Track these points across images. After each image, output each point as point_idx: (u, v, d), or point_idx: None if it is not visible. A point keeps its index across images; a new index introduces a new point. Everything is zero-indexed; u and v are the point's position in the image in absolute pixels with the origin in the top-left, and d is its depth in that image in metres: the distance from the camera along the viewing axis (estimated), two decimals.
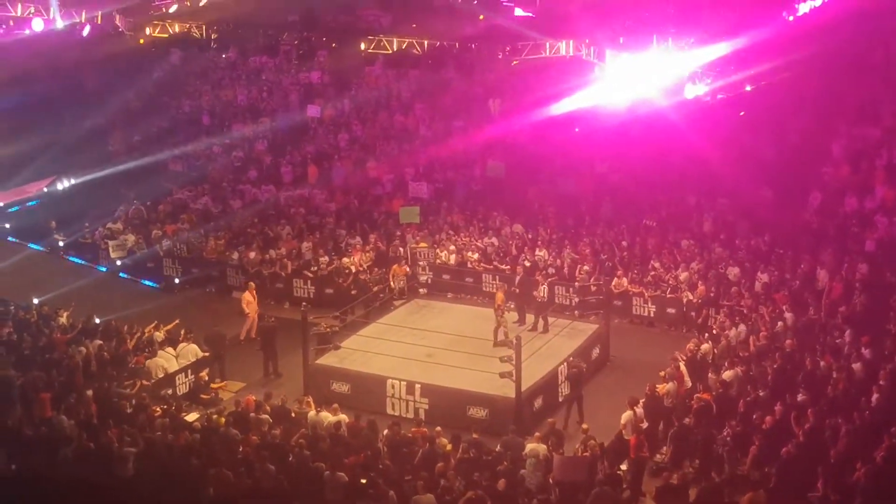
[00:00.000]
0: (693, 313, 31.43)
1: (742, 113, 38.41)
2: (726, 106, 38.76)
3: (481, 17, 51.46)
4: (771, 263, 31.76)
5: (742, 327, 28.47)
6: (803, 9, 44.30)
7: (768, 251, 32.59)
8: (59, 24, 48.39)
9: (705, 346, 27.88)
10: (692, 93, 38.41)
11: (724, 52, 39.22)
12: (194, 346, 29.21)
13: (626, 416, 24.19)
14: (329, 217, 38.59)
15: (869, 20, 40.19)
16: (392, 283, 33.80)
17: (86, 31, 48.54)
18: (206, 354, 29.29)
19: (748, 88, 39.35)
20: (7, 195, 42.67)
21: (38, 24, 47.94)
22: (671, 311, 32.16)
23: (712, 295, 31.30)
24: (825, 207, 33.84)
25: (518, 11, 51.88)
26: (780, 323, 28.16)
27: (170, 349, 28.88)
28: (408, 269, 34.39)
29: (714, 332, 29.09)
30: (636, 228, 35.27)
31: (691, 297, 31.69)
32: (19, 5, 48.98)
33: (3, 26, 48.97)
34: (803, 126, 36.98)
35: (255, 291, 32.93)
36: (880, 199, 33.13)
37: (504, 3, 53.59)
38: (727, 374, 25.83)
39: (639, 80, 39.41)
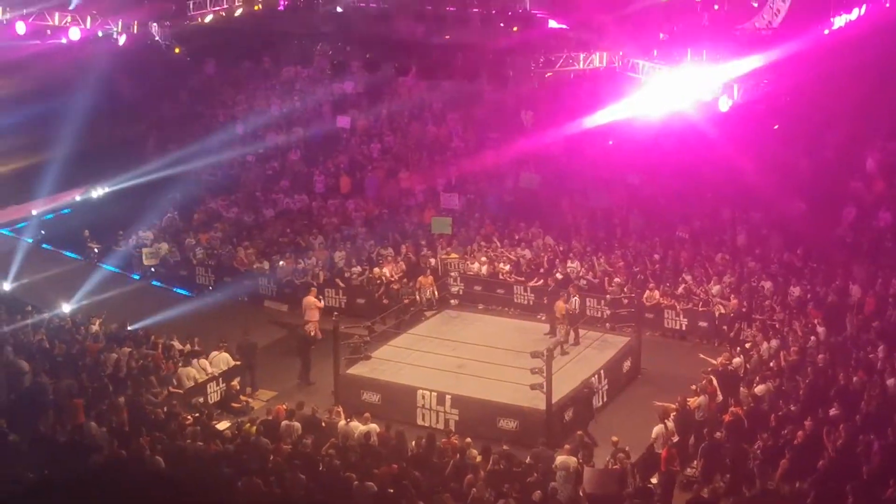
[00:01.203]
0: (725, 327, 31.30)
1: (776, 126, 38.25)
2: (761, 119, 38.58)
3: (515, 28, 51.48)
4: (804, 277, 31.62)
5: (774, 341, 28.33)
6: (839, 22, 44.08)
7: (801, 265, 32.44)
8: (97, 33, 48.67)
9: (737, 360, 27.77)
10: (726, 105, 38.21)
11: (758, 64, 39.05)
12: (226, 355, 29.35)
13: (658, 429, 24.14)
14: (361, 227, 38.67)
15: None
16: (418, 296, 33.78)
17: (121, 40, 48.76)
18: (238, 363, 29.40)
19: (782, 101, 39.16)
20: (41, 203, 42.95)
21: (74, 34, 48.21)
22: (703, 324, 32.05)
23: (745, 309, 31.16)
24: (859, 222, 33.64)
25: (552, 23, 51.87)
26: (812, 337, 28.02)
27: (203, 360, 29.01)
28: (433, 281, 34.27)
29: (746, 345, 28.95)
30: (669, 241, 35.17)
31: (723, 311, 31.57)
32: (56, 14, 49.31)
33: (41, 35, 49.26)
34: (838, 140, 36.80)
35: (317, 294, 33.09)
36: None
37: (538, 15, 53.62)
38: (759, 389, 25.74)
39: (673, 92, 39.26)
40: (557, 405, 26.33)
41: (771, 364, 27.24)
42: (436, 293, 34.05)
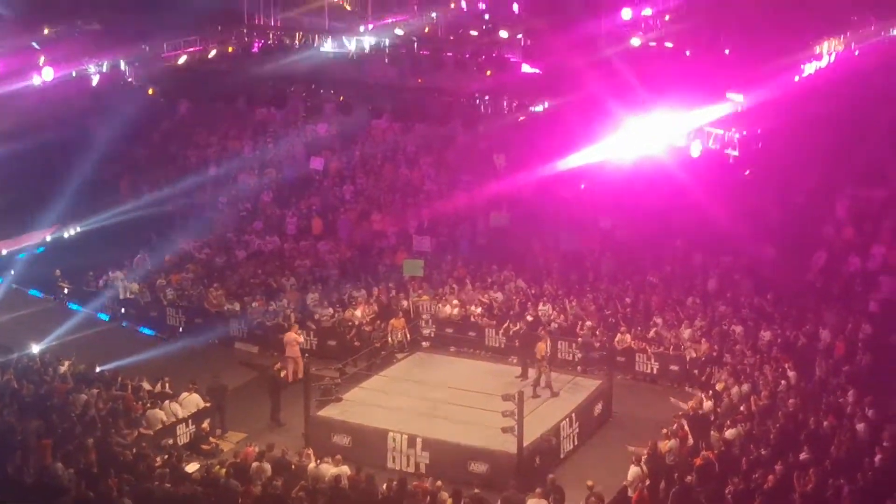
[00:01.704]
0: (696, 371, 31.35)
1: (747, 172, 38.48)
2: (732, 164, 38.82)
3: (488, 72, 51.75)
4: (774, 322, 31.76)
5: (745, 385, 28.39)
6: (809, 69, 44.51)
7: (772, 310, 32.59)
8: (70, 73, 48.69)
9: (708, 404, 27.79)
10: (698, 151, 38.44)
11: (729, 110, 39.35)
12: (196, 397, 29.17)
13: (633, 472, 24.14)
14: (333, 269, 38.61)
15: (874, 81, 40.39)
16: (390, 338, 33.70)
17: (95, 80, 48.76)
18: (208, 405, 29.22)
19: (753, 147, 39.43)
20: (12, 242, 42.72)
21: (47, 74, 48.19)
22: (674, 368, 32.11)
23: (715, 353, 31.24)
24: (829, 267, 33.89)
25: (525, 68, 52.18)
26: (783, 382, 28.10)
27: (173, 403, 28.80)
28: (404, 323, 34.19)
29: (717, 389, 28.99)
30: (640, 285, 35.27)
31: (694, 355, 31.63)
32: (32, 54, 49.27)
33: (14, 75, 49.20)
34: (808, 186, 37.08)
35: (298, 330, 33.01)
36: (883, 259, 33.16)
37: (511, 60, 53.93)
38: (730, 433, 25.75)
39: (645, 137, 39.49)
40: (528, 449, 26.24)
41: (742, 408, 27.28)
42: (407, 335, 33.97)
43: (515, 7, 63.20)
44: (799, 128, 38.26)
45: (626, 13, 59.65)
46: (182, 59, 52.98)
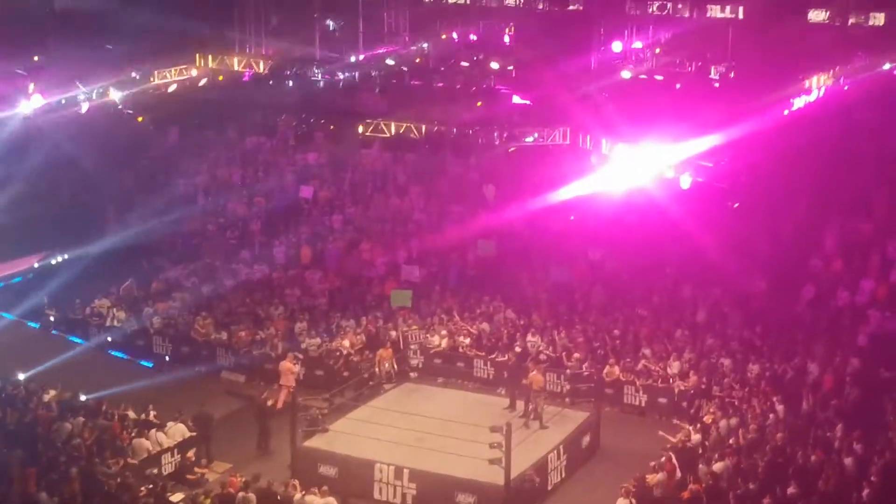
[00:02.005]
0: (685, 403, 31.25)
1: (736, 205, 38.58)
2: (721, 196, 38.93)
3: (479, 103, 51.95)
4: (763, 355, 31.69)
5: (733, 419, 28.29)
6: (798, 103, 44.78)
7: (761, 343, 32.53)
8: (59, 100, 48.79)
9: (696, 437, 27.70)
10: (687, 183, 38.57)
11: (718, 142, 39.51)
12: (182, 426, 28.97)
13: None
14: (321, 298, 38.51)
15: (862, 115, 40.58)
16: (377, 368, 33.56)
17: (84, 107, 48.84)
18: (194, 434, 29.04)
19: (742, 179, 39.58)
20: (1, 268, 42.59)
21: (36, 100, 48.28)
22: (663, 400, 31.97)
23: (704, 386, 31.16)
24: (818, 300, 33.84)
25: (516, 99, 52.41)
26: (771, 415, 28.01)
27: (159, 433, 28.61)
28: (392, 353, 34.06)
29: (705, 422, 28.90)
30: (629, 316, 35.19)
31: (683, 388, 31.55)
32: (22, 81, 49.41)
33: (2, 101, 49.27)
34: (797, 218, 37.12)
35: (294, 360, 33.00)
36: (872, 293, 33.16)
37: (502, 91, 54.16)
38: (717, 466, 25.66)
39: (634, 168, 39.61)
40: (516, 480, 26.09)
41: (730, 441, 27.19)
42: (395, 366, 33.84)
43: (507, 38, 63.73)
44: (787, 160, 38.44)
45: (617, 46, 60.18)
46: (172, 87, 53.17)
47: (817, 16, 58.45)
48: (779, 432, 26.89)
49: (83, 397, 30.40)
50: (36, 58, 55.80)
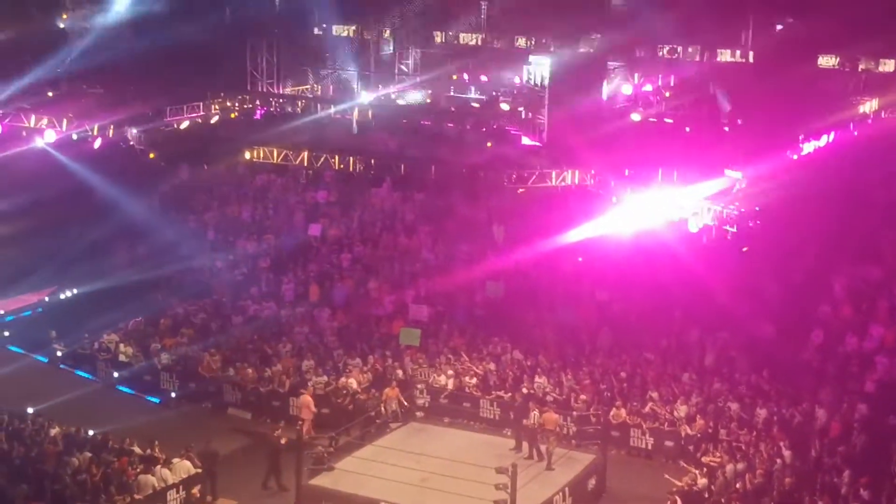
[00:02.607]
0: (691, 447, 31.17)
1: (745, 249, 38.56)
2: (730, 240, 38.92)
3: (489, 144, 52.10)
4: (771, 400, 31.61)
5: (740, 464, 28.21)
6: (808, 148, 44.87)
7: (768, 387, 32.45)
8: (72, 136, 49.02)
9: (702, 481, 27.61)
10: (696, 226, 38.59)
11: (726, 186, 39.56)
12: (187, 463, 28.90)
13: None
14: (329, 336, 38.53)
15: (871, 160, 40.62)
16: (383, 408, 33.55)
17: (97, 143, 49.06)
18: (199, 471, 28.99)
19: (752, 224, 39.58)
20: (8, 303, 42.69)
21: (49, 136, 48.52)
22: (669, 443, 31.89)
23: (711, 430, 31.07)
24: (826, 346, 33.78)
25: (525, 140, 52.56)
26: (778, 460, 27.93)
27: (164, 469, 28.57)
28: (398, 393, 34.02)
29: (711, 466, 28.81)
30: (636, 359, 35.15)
31: (689, 431, 31.46)
32: (32, 116, 49.67)
33: (16, 137, 49.53)
34: (806, 263, 37.09)
35: (311, 395, 33.18)
36: (880, 339, 33.09)
37: (512, 132, 54.33)
38: None
39: (643, 211, 39.66)
40: None
41: (737, 486, 27.09)
42: (404, 403, 33.80)
43: (517, 80, 63.90)
44: (797, 205, 38.41)
45: (627, 89, 60.40)
46: (185, 124, 53.42)
47: (827, 61, 58.70)
48: (786, 477, 26.81)
49: (90, 432, 30.41)
50: (50, 94, 56.14)
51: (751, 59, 59.94)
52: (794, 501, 25.66)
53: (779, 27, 60.74)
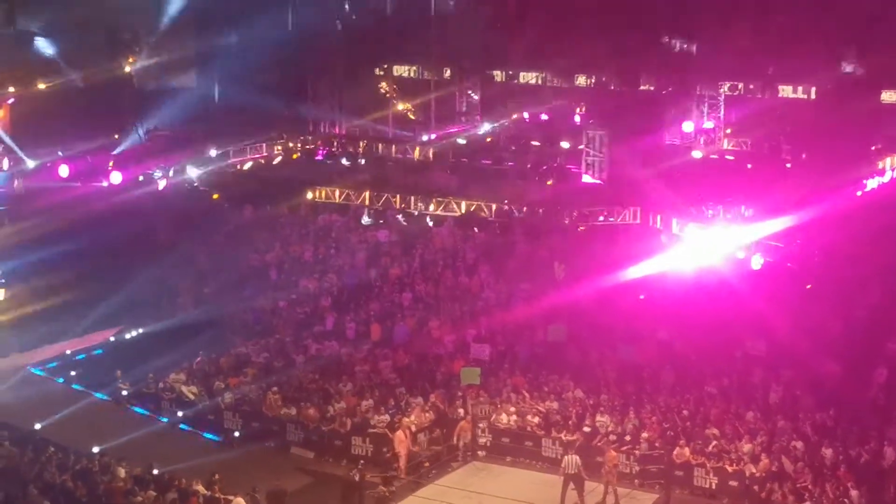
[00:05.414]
0: (756, 487, 30.84)
1: (809, 286, 38.30)
2: (793, 277, 38.68)
3: (549, 182, 52.21)
4: (836, 439, 31.25)
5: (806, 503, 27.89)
6: (871, 184, 44.53)
7: (833, 426, 32.09)
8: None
9: None
10: (758, 263, 38.38)
11: (791, 223, 39.34)
12: (241, 500, 28.88)
13: None
14: (390, 374, 38.60)
15: None
16: (456, 440, 33.63)
17: (162, 184, 49.78)
18: None
19: (815, 260, 39.34)
20: (75, 343, 43.23)
21: (116, 177, 49.33)
22: (733, 483, 31.56)
23: (776, 469, 30.75)
24: (892, 383, 33.38)
25: (586, 178, 52.58)
26: (845, 500, 27.57)
27: None
28: (472, 426, 34.05)
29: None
30: (699, 397, 34.89)
31: (754, 471, 31.14)
32: (100, 159, 50.57)
33: (83, 177, 50.41)
34: (869, 300, 36.76)
35: (406, 431, 33.38)
36: None
37: (573, 170, 54.38)
38: None
39: (706, 248, 39.50)
40: None
41: None
42: (470, 439, 33.82)
43: (577, 118, 64.02)
44: (860, 241, 38.14)
45: (688, 126, 60.27)
46: (247, 165, 54.07)
47: (890, 97, 58.24)
48: None
49: (155, 471, 30.65)
50: (116, 136, 57.09)
51: (812, 96, 59.59)
52: None
53: (845, 67, 59.71)
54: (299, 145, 58.50)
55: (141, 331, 43.83)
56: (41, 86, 56.56)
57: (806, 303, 37.26)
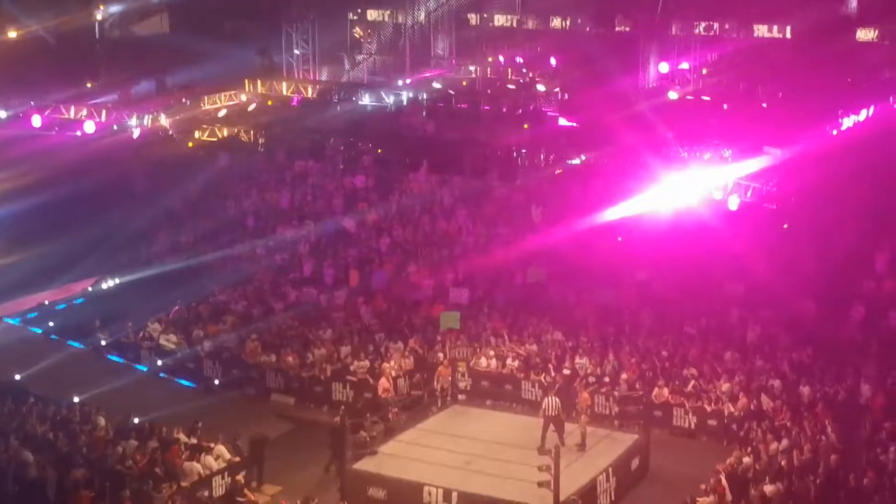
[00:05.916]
0: (734, 426, 31.06)
1: (785, 226, 38.36)
2: (770, 217, 38.71)
3: (525, 125, 51.96)
4: (814, 377, 31.46)
5: (784, 441, 28.09)
6: (847, 123, 44.47)
7: (811, 364, 32.30)
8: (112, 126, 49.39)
9: (747, 460, 27.52)
10: (735, 204, 38.38)
11: (767, 163, 39.31)
12: (222, 447, 28.89)
13: None
14: (370, 321, 38.61)
15: None
16: (436, 384, 33.75)
17: (136, 133, 49.38)
18: (237, 459, 28.95)
19: (791, 201, 39.35)
20: (52, 293, 43.08)
21: (89, 127, 48.87)
22: (712, 422, 31.79)
23: (754, 408, 30.96)
24: (868, 321, 33.57)
25: (562, 121, 52.36)
26: (822, 437, 27.79)
27: (209, 457, 28.69)
28: (450, 371, 34.13)
29: (756, 445, 28.70)
30: (678, 338, 35.05)
31: (733, 410, 31.35)
32: (73, 108, 50.01)
33: (56, 128, 49.91)
34: (847, 239, 36.87)
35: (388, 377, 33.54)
36: None
37: (548, 113, 54.13)
38: (769, 489, 25.49)
39: (682, 190, 39.46)
40: (565, 503, 26.04)
41: (781, 464, 26.99)
42: (449, 383, 33.89)
43: (553, 61, 63.68)
44: (837, 181, 38.19)
45: (664, 67, 59.96)
46: (222, 113, 53.63)
47: (866, 35, 58.08)
48: (831, 454, 26.68)
49: (135, 420, 30.65)
50: (89, 84, 56.55)
51: (788, 35, 59.39)
52: (839, 479, 25.53)
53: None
54: (274, 91, 57.99)
55: (118, 281, 43.71)
56: (11, 34, 55.85)
57: (783, 242, 37.34)
